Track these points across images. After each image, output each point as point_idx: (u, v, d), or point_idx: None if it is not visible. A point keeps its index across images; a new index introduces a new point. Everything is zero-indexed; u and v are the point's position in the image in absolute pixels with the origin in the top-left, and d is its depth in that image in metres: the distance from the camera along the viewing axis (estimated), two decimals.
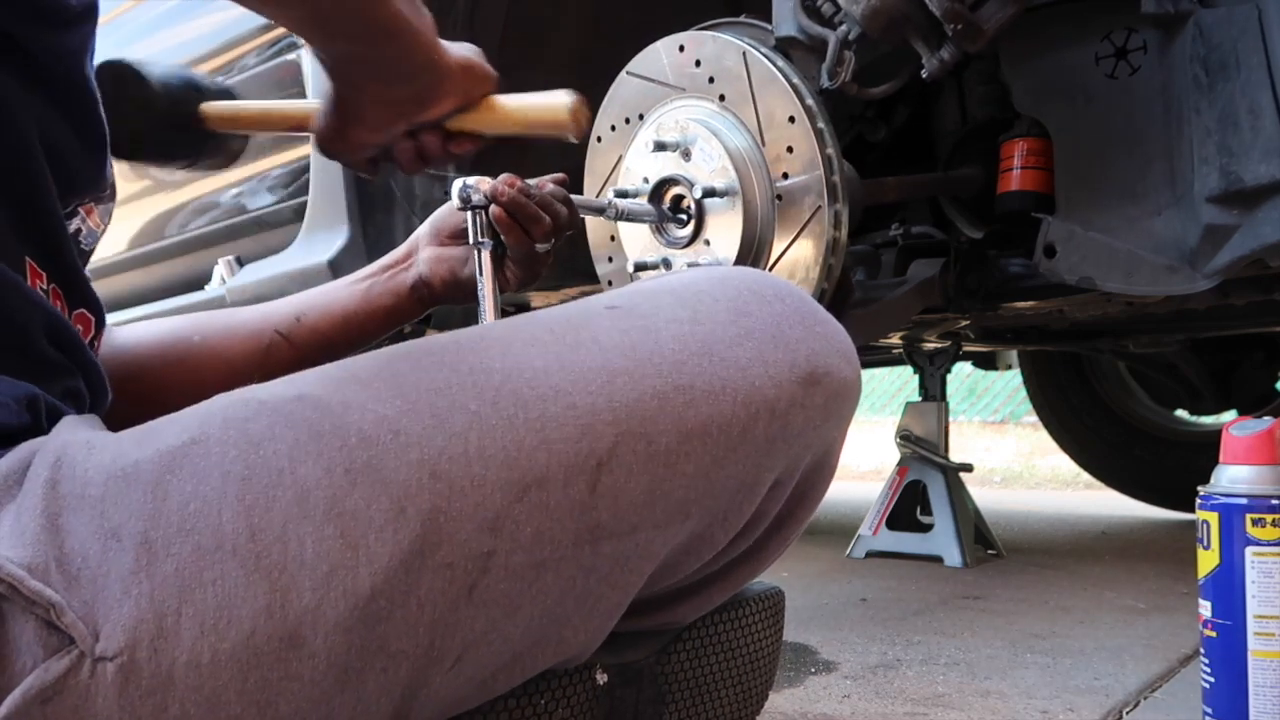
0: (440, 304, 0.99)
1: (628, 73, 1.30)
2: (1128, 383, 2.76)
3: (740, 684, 0.86)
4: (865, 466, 4.51)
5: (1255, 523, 0.85)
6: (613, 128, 1.32)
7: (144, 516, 0.54)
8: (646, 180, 1.25)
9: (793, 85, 1.16)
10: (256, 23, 1.82)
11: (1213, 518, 0.88)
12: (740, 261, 1.20)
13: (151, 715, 0.53)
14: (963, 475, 2.05)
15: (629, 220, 1.25)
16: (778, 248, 1.19)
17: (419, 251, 0.98)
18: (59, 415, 0.64)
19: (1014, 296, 1.50)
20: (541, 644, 0.65)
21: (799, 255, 1.18)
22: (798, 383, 0.66)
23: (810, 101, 1.16)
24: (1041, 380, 2.85)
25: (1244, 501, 0.86)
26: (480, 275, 0.92)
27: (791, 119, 1.16)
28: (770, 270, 1.19)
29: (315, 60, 0.69)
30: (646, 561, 0.65)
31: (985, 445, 5.32)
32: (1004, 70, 1.26)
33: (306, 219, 1.72)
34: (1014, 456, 4.95)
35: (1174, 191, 1.14)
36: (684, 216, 1.24)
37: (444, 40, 0.72)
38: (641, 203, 1.25)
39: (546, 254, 0.95)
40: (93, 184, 0.73)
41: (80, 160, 0.71)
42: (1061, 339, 2.27)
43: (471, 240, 0.92)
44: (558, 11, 1.67)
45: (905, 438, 2.11)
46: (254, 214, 1.93)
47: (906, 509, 2.08)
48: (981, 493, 2.55)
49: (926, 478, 2.04)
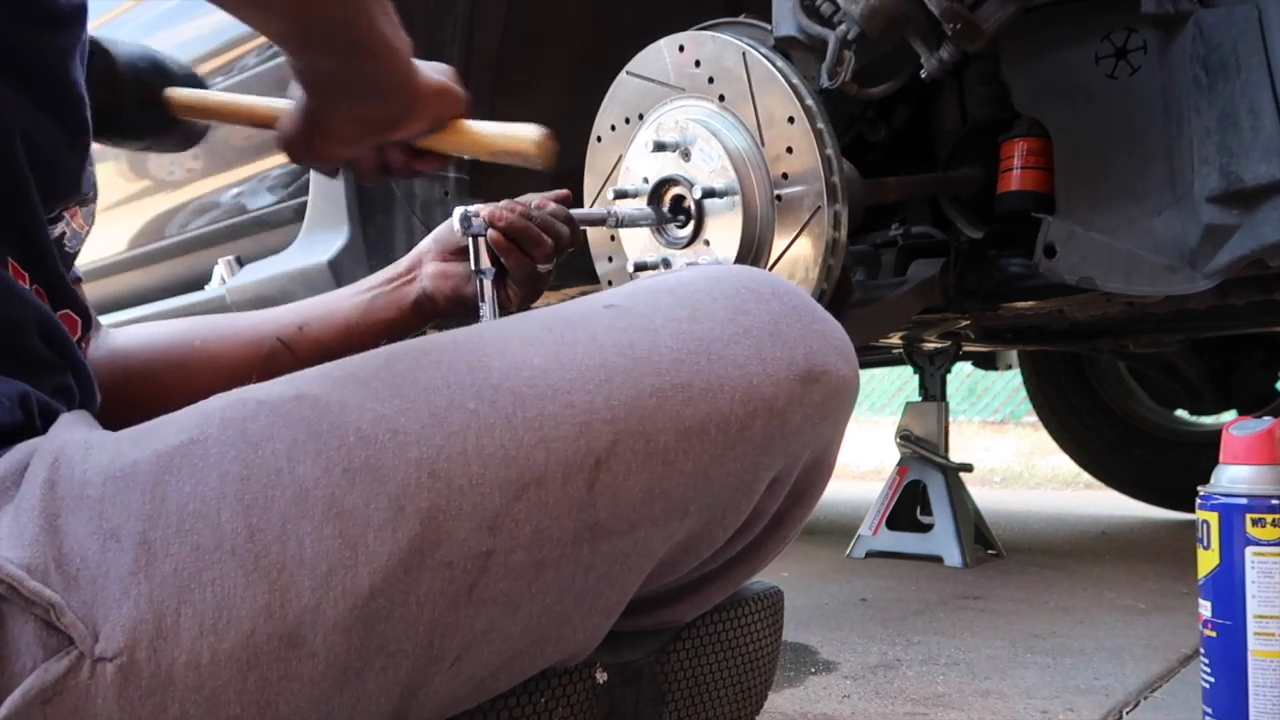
0: (442, 318, 0.99)
1: (628, 73, 1.30)
2: (1128, 383, 2.76)
3: (740, 683, 0.86)
4: (865, 466, 4.51)
5: (1255, 523, 0.85)
6: (613, 127, 1.32)
7: (143, 517, 0.54)
8: (646, 180, 1.25)
9: (792, 85, 1.16)
10: None
11: (1213, 518, 0.88)
12: (740, 262, 1.20)
13: (151, 715, 0.53)
14: (963, 475, 2.05)
15: (630, 227, 1.25)
16: (777, 248, 1.19)
17: (423, 266, 0.98)
18: (50, 412, 0.64)
19: (1014, 296, 1.50)
20: (541, 642, 0.65)
21: (799, 255, 1.18)
22: (796, 381, 0.66)
23: (810, 102, 1.16)
24: (1041, 380, 2.85)
25: (1244, 501, 0.86)
26: (482, 300, 0.92)
27: (791, 119, 1.16)
28: (770, 270, 1.19)
29: (291, 70, 0.69)
30: (645, 559, 0.65)
31: (985, 445, 5.32)
32: (1004, 70, 1.26)
33: (306, 219, 1.73)
34: (1014, 456, 4.95)
35: (1174, 191, 1.14)
36: (684, 217, 1.24)
37: (419, 61, 0.72)
38: (641, 207, 1.25)
39: (549, 273, 0.95)
40: (77, 186, 0.73)
41: (67, 162, 0.71)
42: (1061, 339, 2.27)
43: (472, 267, 0.92)
44: (558, 11, 1.67)
45: (905, 438, 2.11)
46: (254, 214, 1.93)
47: (906, 509, 2.07)
48: (981, 493, 2.54)
49: (926, 478, 2.04)
